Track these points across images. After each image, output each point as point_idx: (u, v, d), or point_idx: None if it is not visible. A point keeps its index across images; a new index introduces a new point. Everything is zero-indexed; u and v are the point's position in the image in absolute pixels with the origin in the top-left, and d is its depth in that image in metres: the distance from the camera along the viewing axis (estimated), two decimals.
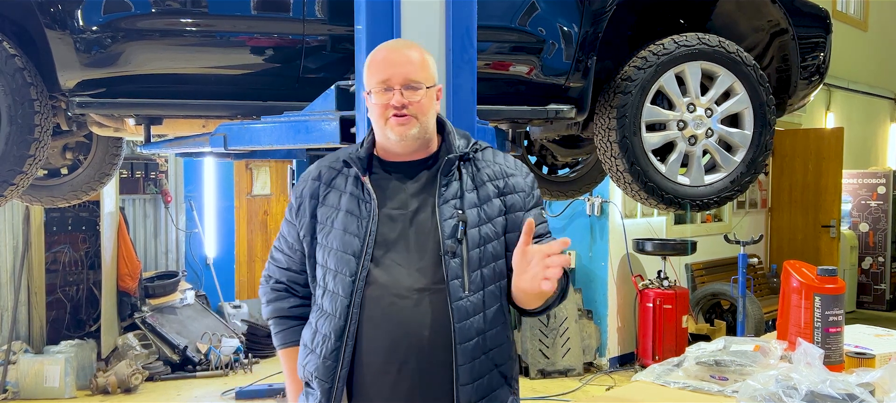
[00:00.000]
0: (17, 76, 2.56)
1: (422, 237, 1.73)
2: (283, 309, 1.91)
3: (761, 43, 3.34)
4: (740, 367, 2.08)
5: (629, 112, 2.98)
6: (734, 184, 3.16)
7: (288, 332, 1.91)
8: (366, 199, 1.76)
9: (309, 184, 1.84)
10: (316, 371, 1.74)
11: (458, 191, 1.76)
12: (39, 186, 3.55)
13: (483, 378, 1.72)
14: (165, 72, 2.73)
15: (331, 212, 1.78)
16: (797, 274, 2.26)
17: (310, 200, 1.82)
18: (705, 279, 7.67)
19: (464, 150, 1.80)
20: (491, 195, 1.79)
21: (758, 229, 8.62)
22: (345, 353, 1.70)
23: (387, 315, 1.70)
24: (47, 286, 6.37)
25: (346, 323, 1.70)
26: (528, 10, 2.89)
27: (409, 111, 1.73)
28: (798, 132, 8.98)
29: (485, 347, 1.72)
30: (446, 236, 1.71)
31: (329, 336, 1.72)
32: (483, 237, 1.74)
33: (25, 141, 2.60)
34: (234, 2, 2.68)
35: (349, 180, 1.80)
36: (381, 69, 1.75)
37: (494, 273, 1.76)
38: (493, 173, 1.81)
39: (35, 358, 5.90)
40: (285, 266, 1.90)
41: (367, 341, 1.71)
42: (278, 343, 1.93)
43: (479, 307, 1.72)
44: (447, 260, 1.70)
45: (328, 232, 1.77)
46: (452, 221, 1.72)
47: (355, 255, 1.72)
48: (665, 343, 6.38)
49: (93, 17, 2.59)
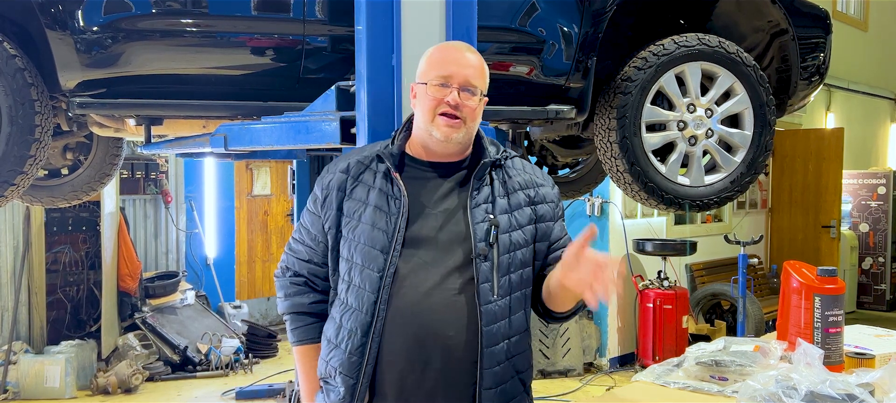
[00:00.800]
0: (17, 76, 2.56)
1: (452, 238, 1.74)
2: (303, 304, 1.87)
3: (761, 43, 3.34)
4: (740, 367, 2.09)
5: (629, 112, 2.98)
6: (734, 184, 3.16)
7: (306, 329, 1.88)
8: (396, 196, 1.75)
9: (336, 177, 1.83)
10: (340, 367, 1.73)
11: (489, 196, 1.78)
12: (40, 186, 3.56)
13: (505, 384, 1.74)
14: (166, 73, 2.72)
15: (358, 206, 1.77)
16: (797, 275, 2.26)
17: (337, 192, 1.81)
18: (705, 279, 7.67)
19: (495, 157, 1.82)
20: (522, 203, 1.81)
21: (758, 229, 8.62)
22: (370, 349, 1.70)
23: (414, 313, 1.69)
24: (48, 286, 6.37)
25: (372, 318, 1.70)
26: (529, 10, 2.89)
27: (461, 113, 1.75)
28: (798, 132, 8.98)
29: (509, 352, 1.74)
30: (479, 239, 1.72)
31: (355, 332, 1.71)
32: (513, 243, 1.76)
33: (26, 141, 2.60)
34: (235, 2, 2.68)
35: (378, 175, 1.79)
36: (444, 65, 1.77)
37: (521, 279, 1.78)
38: (524, 182, 1.84)
39: (35, 359, 5.90)
40: (306, 258, 1.87)
41: (393, 338, 1.70)
42: (295, 340, 1.89)
43: (505, 312, 1.73)
44: (478, 263, 1.71)
45: (355, 226, 1.76)
46: (484, 225, 1.73)
47: (383, 251, 1.71)
48: (665, 344, 6.38)
49: (93, 18, 2.59)
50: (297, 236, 1.90)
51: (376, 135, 2.21)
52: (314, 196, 1.86)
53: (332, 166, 1.87)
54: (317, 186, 1.87)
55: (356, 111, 2.32)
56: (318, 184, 1.86)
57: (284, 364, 6.80)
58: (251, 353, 6.80)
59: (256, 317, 7.99)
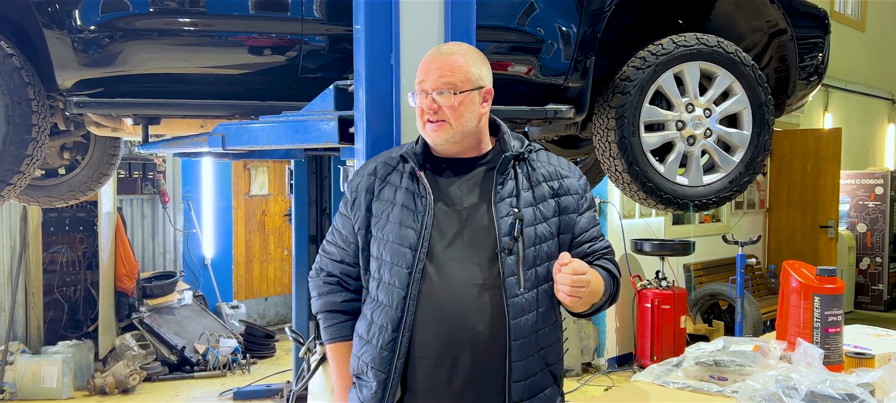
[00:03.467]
0: (14, 76, 2.55)
1: (477, 233, 1.77)
2: (335, 302, 1.91)
3: (760, 43, 3.34)
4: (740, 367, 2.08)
5: (628, 112, 2.98)
6: (733, 184, 3.16)
7: (339, 326, 1.91)
8: (422, 194, 1.79)
9: (364, 179, 1.88)
10: (372, 362, 1.76)
11: (513, 190, 1.80)
12: (37, 186, 3.55)
13: (534, 376, 1.76)
14: (163, 72, 2.72)
15: (386, 206, 1.82)
16: (796, 275, 2.26)
17: (365, 194, 1.86)
18: (703, 279, 7.68)
19: (519, 150, 1.84)
20: (546, 195, 1.83)
21: (756, 229, 8.62)
22: (401, 344, 1.73)
23: (442, 308, 1.72)
24: (45, 286, 6.35)
25: (402, 314, 1.73)
26: (527, 10, 2.89)
27: (440, 116, 1.78)
28: (796, 132, 8.99)
29: (537, 345, 1.76)
30: (503, 233, 1.74)
31: (386, 327, 1.75)
32: (538, 236, 1.78)
33: (23, 140, 2.59)
34: (233, 1, 2.67)
35: (404, 175, 1.84)
36: (420, 72, 1.82)
37: (548, 271, 1.78)
38: (548, 173, 1.86)
39: (32, 359, 5.88)
40: (339, 258, 1.91)
41: (423, 333, 1.73)
42: (328, 337, 1.93)
43: (532, 304, 1.75)
44: (503, 257, 1.73)
45: (383, 225, 1.80)
46: (509, 219, 1.76)
47: (412, 248, 1.75)
48: (663, 344, 6.38)
49: (91, 17, 2.58)
50: (330, 238, 1.95)
51: (375, 135, 2.21)
52: (344, 198, 1.91)
53: (360, 169, 1.93)
54: (346, 189, 1.93)
55: (354, 110, 2.31)
56: (348, 187, 1.92)
57: (282, 364, 6.79)
58: (249, 353, 6.79)
59: (254, 317, 7.98)
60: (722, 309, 7.47)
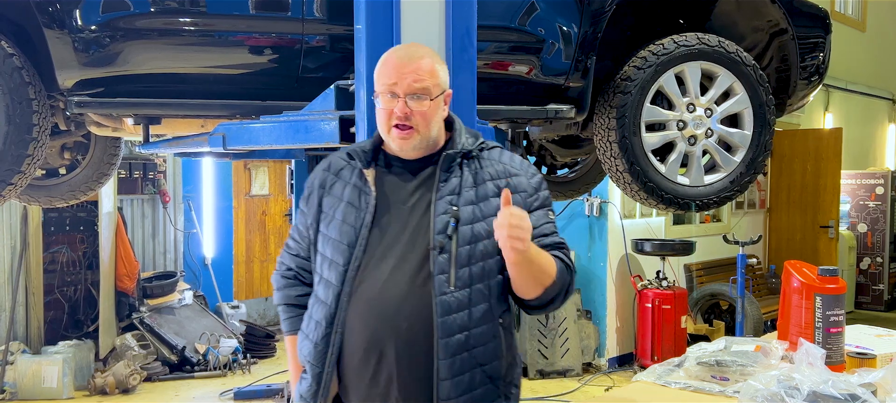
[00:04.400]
0: (14, 75, 2.55)
1: (415, 231, 1.77)
2: (291, 296, 1.95)
3: (761, 43, 3.33)
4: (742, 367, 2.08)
5: (629, 112, 2.97)
6: (734, 184, 3.15)
7: (295, 320, 1.94)
8: (366, 192, 1.80)
9: (319, 174, 1.90)
10: (309, 356, 1.80)
11: (455, 188, 1.78)
12: (37, 186, 3.54)
13: (464, 375, 1.72)
14: (164, 72, 2.71)
15: (335, 203, 1.84)
16: (798, 275, 2.26)
17: (318, 190, 1.88)
18: (704, 279, 7.67)
19: (468, 148, 1.82)
20: (490, 194, 1.79)
21: (756, 229, 8.62)
22: (334, 340, 1.76)
23: (371, 304, 1.73)
24: (45, 286, 6.35)
25: (336, 310, 1.76)
26: (528, 10, 2.88)
27: (411, 122, 1.76)
28: (797, 132, 8.98)
29: (468, 344, 1.72)
30: (436, 231, 1.74)
31: (321, 323, 1.78)
32: (475, 235, 1.75)
33: (23, 140, 2.59)
34: (233, 1, 2.67)
35: (355, 172, 1.85)
36: (390, 74, 1.77)
37: (484, 271, 1.75)
38: (495, 172, 1.83)
39: (33, 359, 5.88)
40: (295, 252, 1.95)
41: (353, 329, 1.75)
42: (286, 329, 1.97)
43: (464, 303, 1.72)
44: (434, 255, 1.73)
45: (329, 221, 1.83)
46: (445, 217, 1.74)
47: (350, 245, 1.77)
48: (664, 344, 6.38)
49: (91, 17, 2.58)
50: (291, 232, 1.99)
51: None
52: (303, 194, 1.93)
53: (319, 165, 1.95)
54: (306, 184, 1.94)
55: (355, 110, 2.31)
56: (307, 182, 1.94)
57: (282, 364, 6.78)
58: (249, 353, 6.79)
59: (254, 317, 7.98)
60: (722, 309, 7.46)
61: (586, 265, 6.91)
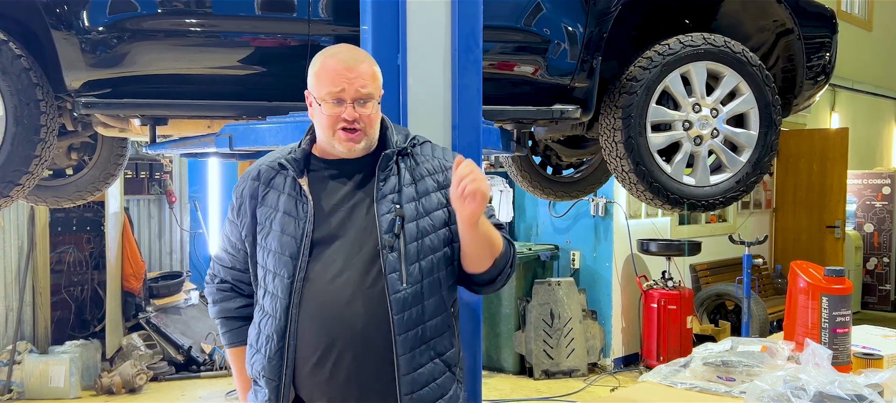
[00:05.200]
0: (22, 77, 2.56)
1: (360, 233, 1.77)
2: (230, 309, 1.94)
3: (767, 43, 3.33)
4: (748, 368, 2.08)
5: (634, 112, 2.97)
6: (740, 184, 3.15)
7: (235, 332, 1.94)
8: (303, 200, 1.79)
9: (248, 185, 1.87)
10: (263, 370, 1.79)
11: (395, 186, 1.80)
12: (44, 187, 3.55)
13: (424, 367, 1.77)
14: (171, 73, 2.72)
15: (270, 213, 1.82)
16: (804, 275, 2.26)
17: (249, 200, 1.86)
18: (710, 279, 7.66)
19: (401, 146, 1.84)
20: (430, 189, 1.83)
21: (762, 230, 8.60)
22: (288, 352, 1.76)
23: (323, 312, 1.74)
24: (52, 286, 6.38)
25: (286, 323, 1.76)
26: (534, 10, 2.88)
27: (359, 125, 1.78)
28: (803, 132, 8.96)
29: (425, 337, 1.77)
30: (384, 231, 1.75)
31: (272, 337, 1.78)
32: (421, 231, 1.79)
33: (31, 141, 2.60)
34: (239, 2, 2.68)
35: (287, 180, 1.83)
36: (335, 80, 1.77)
37: (433, 265, 1.80)
38: (432, 167, 1.86)
39: (40, 359, 5.91)
40: (230, 265, 1.93)
41: (307, 337, 1.76)
42: (226, 343, 1.97)
43: (418, 298, 1.76)
44: (385, 255, 1.74)
45: (267, 232, 1.81)
46: (390, 216, 1.76)
47: (293, 257, 1.76)
48: (670, 344, 6.37)
49: (98, 18, 2.58)
50: (222, 244, 1.96)
51: None
52: (231, 204, 1.90)
53: (245, 173, 1.91)
54: (233, 194, 1.91)
55: None
56: (234, 192, 1.91)
57: None
58: None
59: None
60: (728, 310, 7.45)
61: (591, 265, 6.91)
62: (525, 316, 6.49)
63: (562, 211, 7.05)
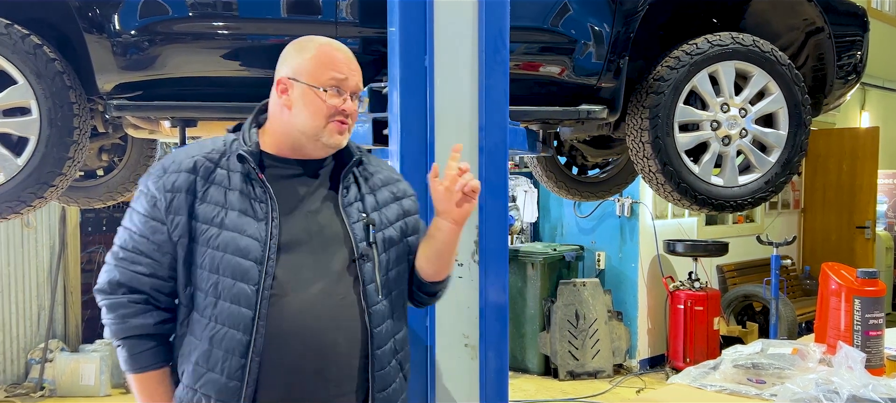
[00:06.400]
0: (56, 80, 2.61)
1: (329, 240, 1.65)
2: (146, 325, 1.62)
3: (796, 42, 3.29)
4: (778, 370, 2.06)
5: (662, 112, 2.95)
6: (769, 184, 3.12)
7: (152, 352, 1.63)
8: (260, 199, 1.61)
9: (182, 177, 1.61)
10: (217, 394, 1.56)
11: (357, 195, 1.72)
12: (76, 187, 3.61)
13: (394, 383, 1.71)
14: (200, 75, 2.76)
15: (216, 211, 1.59)
16: (836, 277, 2.23)
17: (185, 195, 1.60)
18: (737, 280, 7.58)
19: (358, 154, 1.75)
20: (388, 200, 1.77)
21: (791, 230, 8.51)
22: (250, 370, 1.55)
23: (299, 324, 1.58)
24: (83, 286, 6.48)
25: (251, 337, 1.55)
26: (560, 10, 2.88)
27: (349, 121, 1.69)
28: (832, 132, 8.85)
29: (394, 350, 1.71)
30: (359, 239, 1.65)
31: (231, 353, 1.56)
32: (387, 240, 1.72)
33: (64, 143, 2.64)
34: (266, 5, 2.70)
35: (234, 175, 1.63)
36: (340, 68, 1.66)
37: (399, 275, 1.75)
38: (385, 178, 1.80)
39: (71, 357, 6.01)
40: (148, 272, 1.61)
41: (278, 354, 1.57)
42: (139, 366, 1.62)
43: (389, 311, 1.70)
44: (362, 264, 1.64)
45: (216, 234, 1.58)
46: (360, 224, 1.67)
47: (256, 261, 1.56)
48: (696, 345, 6.32)
49: (129, 21, 2.63)
50: (129, 246, 1.63)
51: (409, 136, 2.22)
52: (152, 198, 1.61)
53: (170, 165, 1.63)
54: (153, 188, 1.62)
55: (389, 113, 2.33)
56: (156, 185, 1.62)
57: None
58: None
59: None
60: (756, 311, 7.37)
61: (617, 266, 6.88)
62: (550, 316, 6.47)
63: (587, 212, 7.02)
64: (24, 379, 6.05)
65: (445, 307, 2.24)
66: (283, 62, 1.71)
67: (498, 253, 2.29)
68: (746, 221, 8.09)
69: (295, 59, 1.69)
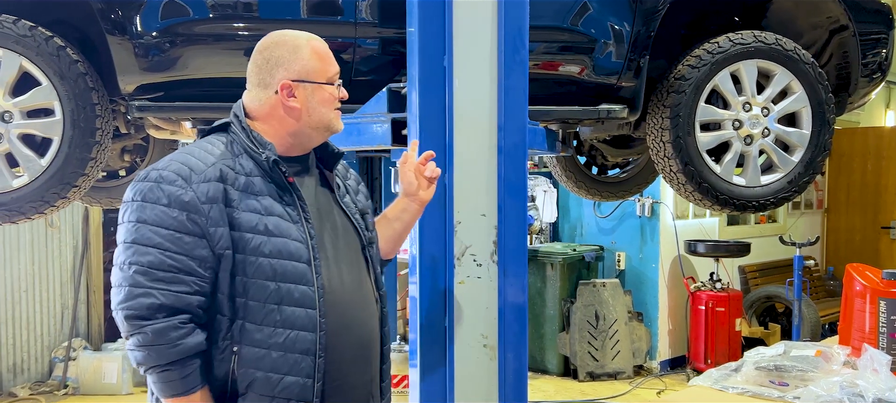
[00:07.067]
0: (79, 81, 2.63)
1: (342, 231, 1.76)
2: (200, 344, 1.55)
3: (820, 40, 3.25)
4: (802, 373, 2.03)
5: (683, 111, 2.93)
6: (792, 184, 3.08)
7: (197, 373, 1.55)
8: (289, 201, 1.64)
9: (213, 186, 1.57)
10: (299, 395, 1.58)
11: (343, 187, 1.84)
12: (98, 188, 3.64)
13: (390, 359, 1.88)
14: (221, 76, 2.77)
15: (256, 219, 1.58)
16: (861, 278, 2.20)
17: (223, 207, 1.57)
18: (759, 281, 7.51)
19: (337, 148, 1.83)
20: (355, 187, 1.90)
21: (814, 230, 8.41)
22: (319, 367, 1.60)
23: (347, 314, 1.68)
24: (105, 285, 6.53)
25: (316, 334, 1.60)
26: (580, 10, 2.86)
27: None
28: (856, 131, 8.74)
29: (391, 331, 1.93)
30: (364, 228, 1.80)
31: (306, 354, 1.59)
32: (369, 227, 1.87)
33: (87, 144, 2.67)
34: (286, 5, 2.71)
35: (256, 180, 1.62)
36: (333, 61, 1.73)
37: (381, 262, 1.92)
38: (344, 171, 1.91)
39: (94, 355, 6.07)
40: (194, 290, 1.54)
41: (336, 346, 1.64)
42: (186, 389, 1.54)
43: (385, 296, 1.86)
44: (370, 252, 1.80)
45: (264, 242, 1.58)
46: (358, 214, 1.82)
47: (307, 263, 1.61)
48: (718, 347, 6.26)
49: (151, 23, 2.64)
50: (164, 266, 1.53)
51: (428, 136, 2.22)
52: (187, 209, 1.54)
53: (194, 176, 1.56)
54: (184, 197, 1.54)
55: (407, 113, 2.33)
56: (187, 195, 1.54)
57: None
58: None
59: None
60: (778, 312, 7.30)
61: (638, 266, 6.83)
62: (569, 317, 6.44)
63: (607, 212, 6.98)
64: (47, 377, 6.13)
65: (464, 307, 2.23)
66: (278, 65, 1.67)
67: (517, 254, 2.29)
68: (769, 221, 8.01)
69: (293, 62, 1.68)
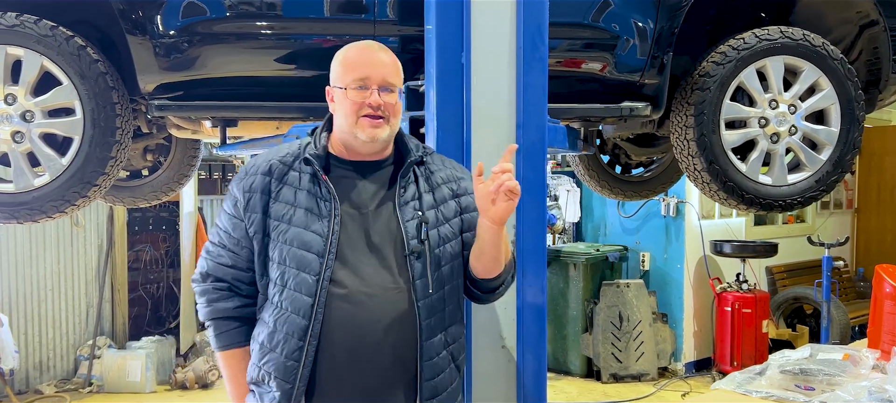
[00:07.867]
0: (99, 80, 2.65)
1: (383, 237, 1.77)
2: (227, 309, 1.84)
3: (849, 35, 3.18)
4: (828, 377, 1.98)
5: (707, 109, 2.88)
6: (819, 183, 3.02)
7: (230, 333, 1.85)
8: (325, 197, 1.76)
9: (259, 179, 1.81)
10: (276, 372, 1.72)
11: (415, 193, 1.82)
12: (122, 187, 3.67)
13: (443, 373, 1.79)
14: (240, 75, 2.77)
15: (286, 209, 1.77)
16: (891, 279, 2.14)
17: (260, 196, 1.79)
18: (787, 282, 7.40)
19: (418, 154, 1.86)
20: (447, 197, 1.86)
21: (843, 231, 8.27)
22: (307, 352, 1.71)
23: (353, 313, 1.71)
24: (129, 284, 6.61)
25: (309, 322, 1.70)
26: (602, 6, 2.82)
27: (383, 112, 1.78)
28: (888, 129, 8.59)
29: (445, 343, 1.80)
30: (410, 236, 1.76)
31: (291, 336, 1.71)
32: (442, 237, 1.81)
33: (107, 143, 2.68)
34: (308, 4, 2.71)
35: (304, 177, 1.79)
36: (359, 68, 1.78)
37: (452, 271, 1.83)
38: (446, 176, 1.89)
39: (118, 353, 6.13)
40: (230, 263, 1.83)
41: (332, 340, 1.71)
42: (221, 345, 1.86)
43: (440, 305, 1.79)
44: (412, 261, 1.75)
45: (285, 230, 1.75)
46: (414, 222, 1.78)
47: (319, 254, 1.72)
48: (744, 349, 6.18)
49: (171, 22, 2.65)
50: (216, 240, 1.87)
51: (445, 134, 2.20)
52: (234, 198, 1.83)
53: (251, 167, 1.85)
54: (235, 189, 1.83)
55: (425, 111, 2.31)
56: (238, 187, 1.83)
57: None
58: None
59: None
60: (806, 314, 7.18)
61: (662, 267, 6.76)
62: (592, 318, 6.39)
63: (631, 212, 6.91)
64: (72, 375, 6.21)
65: (482, 308, 2.21)
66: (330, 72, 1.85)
67: (536, 253, 2.26)
68: (797, 221, 7.90)
69: (332, 69, 1.84)
